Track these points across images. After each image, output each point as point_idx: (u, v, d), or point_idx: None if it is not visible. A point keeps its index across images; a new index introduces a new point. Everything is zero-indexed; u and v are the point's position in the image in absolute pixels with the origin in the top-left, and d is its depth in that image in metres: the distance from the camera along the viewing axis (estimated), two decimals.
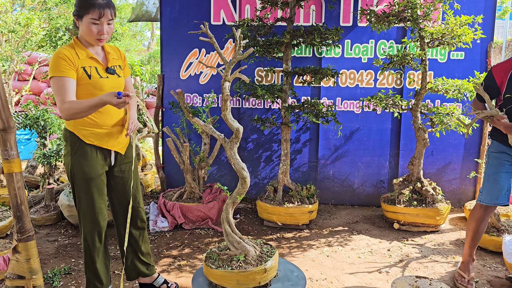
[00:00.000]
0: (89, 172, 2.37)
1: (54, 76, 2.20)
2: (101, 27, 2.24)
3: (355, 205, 4.82)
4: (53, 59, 2.23)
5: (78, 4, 2.24)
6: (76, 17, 2.27)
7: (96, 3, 2.21)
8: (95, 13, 2.20)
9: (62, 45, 3.83)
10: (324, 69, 4.06)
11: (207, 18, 4.62)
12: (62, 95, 2.16)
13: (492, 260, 3.39)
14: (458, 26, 3.54)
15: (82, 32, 2.28)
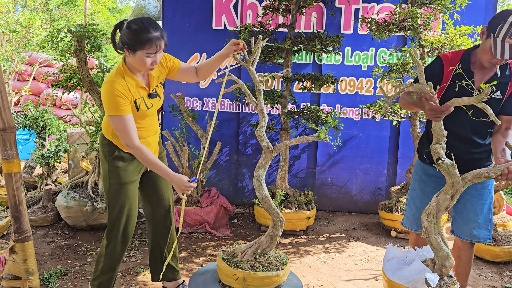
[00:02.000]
0: (124, 177, 2.39)
1: (114, 115, 2.19)
2: (155, 58, 2.19)
3: (352, 212, 4.82)
4: (109, 96, 2.18)
5: (132, 38, 2.12)
6: (127, 49, 2.16)
7: (152, 38, 2.11)
8: (152, 48, 2.13)
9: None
10: (324, 76, 4.08)
11: (209, 23, 4.64)
12: (128, 133, 2.21)
13: (489, 269, 3.40)
14: (458, 36, 3.57)
15: (134, 62, 2.21)
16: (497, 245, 3.46)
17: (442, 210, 2.15)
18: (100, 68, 4.10)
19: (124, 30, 2.16)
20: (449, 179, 2.09)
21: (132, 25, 2.14)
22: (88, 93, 4.13)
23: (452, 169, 2.06)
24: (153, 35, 2.11)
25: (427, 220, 2.19)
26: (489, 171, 1.98)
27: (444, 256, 2.20)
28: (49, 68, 8.77)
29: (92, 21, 4.03)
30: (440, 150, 2.14)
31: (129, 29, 2.13)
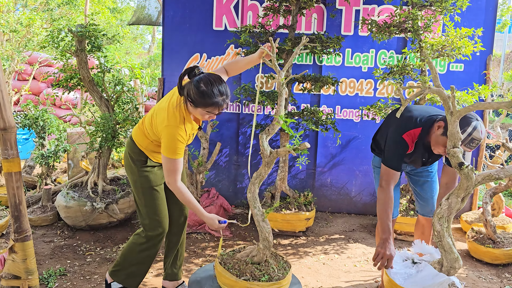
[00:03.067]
0: (155, 181, 2.52)
1: (171, 158, 2.28)
2: (213, 116, 2.27)
3: (352, 214, 4.82)
4: (172, 140, 2.25)
5: (198, 99, 2.16)
6: (191, 102, 2.20)
7: (216, 103, 2.17)
8: (215, 110, 2.21)
9: None
10: (324, 77, 4.08)
11: (209, 24, 4.64)
12: (175, 175, 2.32)
13: (488, 271, 3.40)
14: (458, 38, 3.57)
15: (193, 112, 2.27)
16: (496, 247, 3.47)
17: (453, 213, 2.16)
18: (100, 68, 4.10)
19: (193, 87, 2.17)
20: (466, 182, 2.10)
21: (201, 86, 2.15)
22: (88, 93, 4.13)
23: (471, 173, 2.07)
24: (218, 100, 2.17)
25: (439, 224, 2.19)
26: (498, 172, 2.00)
27: (454, 259, 2.21)
28: (49, 68, 8.78)
29: (93, 21, 4.04)
30: (459, 154, 2.13)
31: (197, 88, 2.15)
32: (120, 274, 2.61)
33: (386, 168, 2.54)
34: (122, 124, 4.04)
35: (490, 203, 3.66)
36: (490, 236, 3.54)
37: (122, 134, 4.10)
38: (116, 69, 4.29)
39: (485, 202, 3.63)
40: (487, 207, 3.57)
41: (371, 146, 2.98)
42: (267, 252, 2.44)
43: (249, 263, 2.43)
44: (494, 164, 4.20)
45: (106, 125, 3.88)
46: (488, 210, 3.55)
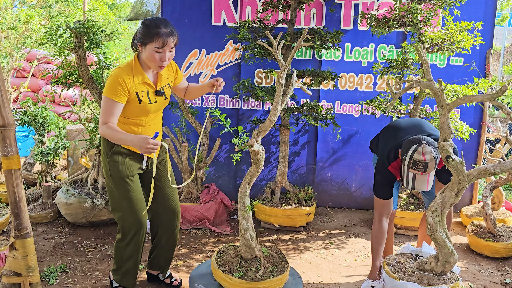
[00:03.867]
0: (124, 171, 2.48)
1: (107, 97, 2.32)
2: (163, 55, 2.31)
3: (352, 208, 4.82)
4: (112, 80, 2.32)
5: (143, 32, 2.29)
6: (140, 43, 2.33)
7: (160, 32, 2.26)
8: (159, 42, 2.26)
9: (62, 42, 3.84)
10: (324, 72, 4.07)
11: (208, 19, 4.62)
12: (107, 116, 2.32)
13: (488, 265, 3.41)
14: (458, 32, 3.56)
15: (144, 57, 2.35)
16: (496, 241, 3.47)
17: (447, 207, 2.16)
18: (99, 64, 4.09)
19: (139, 27, 2.34)
20: (457, 176, 2.09)
21: (146, 21, 2.32)
22: (87, 90, 4.12)
23: (461, 166, 2.07)
24: (163, 30, 2.26)
25: (432, 218, 2.19)
26: (494, 167, 1.99)
27: (449, 253, 2.21)
28: (48, 65, 8.75)
29: (91, 17, 4.01)
30: (448, 148, 2.13)
31: (142, 24, 2.31)
32: (117, 273, 2.63)
33: (379, 200, 2.65)
34: None
35: (490, 197, 3.66)
36: (490, 230, 3.55)
37: None
38: (115, 66, 4.27)
39: (485, 196, 3.63)
40: (487, 201, 3.58)
41: (370, 146, 3.04)
42: (248, 249, 2.44)
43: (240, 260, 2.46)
44: (494, 158, 4.20)
45: None
46: (488, 204, 3.55)
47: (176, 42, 2.35)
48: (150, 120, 2.52)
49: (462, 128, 3.74)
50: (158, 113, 2.58)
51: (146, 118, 2.49)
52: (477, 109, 4.55)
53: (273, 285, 2.35)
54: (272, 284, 2.34)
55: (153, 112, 2.50)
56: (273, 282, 2.34)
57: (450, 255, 2.21)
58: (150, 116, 2.50)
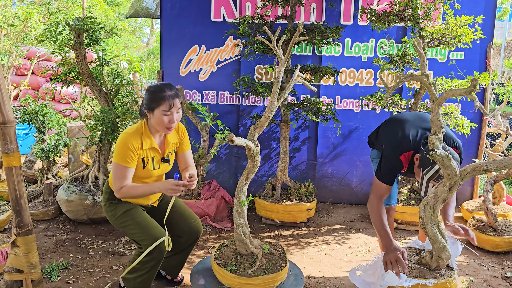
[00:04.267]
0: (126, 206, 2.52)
1: (119, 164, 2.36)
2: (171, 117, 2.36)
3: (353, 204, 4.83)
4: (122, 146, 2.36)
5: (149, 98, 2.36)
6: (147, 110, 2.39)
7: (166, 96, 2.33)
8: (166, 105, 2.32)
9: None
10: (324, 68, 4.06)
11: (208, 15, 4.61)
12: (122, 181, 2.36)
13: (489, 259, 3.41)
14: (458, 26, 3.55)
15: (153, 122, 2.40)
16: (497, 235, 3.47)
17: (439, 202, 2.16)
18: (99, 61, 4.08)
19: (145, 94, 2.41)
20: (445, 170, 2.09)
21: (151, 88, 2.40)
22: (87, 87, 4.12)
23: (447, 160, 2.06)
24: (168, 93, 2.34)
25: (424, 211, 2.20)
26: (488, 164, 1.98)
27: (440, 248, 2.20)
28: (47, 62, 8.74)
29: (90, 14, 4.01)
30: (435, 141, 2.14)
31: (148, 92, 2.39)
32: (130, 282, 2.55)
33: (379, 183, 2.60)
34: (122, 117, 4.03)
35: (491, 191, 3.66)
36: (491, 224, 3.55)
37: (122, 128, 4.09)
38: (115, 63, 4.27)
39: (486, 190, 3.63)
40: (488, 195, 3.58)
41: (369, 141, 3.02)
42: (241, 244, 2.45)
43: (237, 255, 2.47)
44: (495, 153, 4.19)
45: (106, 118, 3.87)
46: (489, 199, 3.55)
47: (182, 103, 2.43)
48: (152, 180, 2.57)
49: (462, 123, 3.74)
50: (160, 177, 2.63)
51: (148, 180, 2.55)
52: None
53: (265, 283, 2.33)
54: (264, 281, 2.32)
55: (155, 176, 2.56)
56: (264, 279, 2.32)
57: (441, 251, 2.21)
58: (152, 179, 2.56)
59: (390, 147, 2.59)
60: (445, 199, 2.14)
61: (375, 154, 2.98)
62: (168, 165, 2.60)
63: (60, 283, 2.87)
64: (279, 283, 2.41)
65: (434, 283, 2.16)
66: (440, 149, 2.12)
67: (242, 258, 2.46)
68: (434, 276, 2.20)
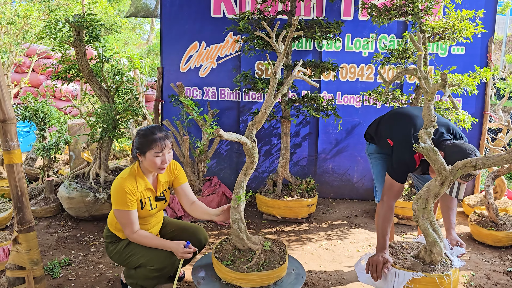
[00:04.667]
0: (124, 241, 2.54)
1: (121, 210, 2.38)
2: (164, 158, 2.41)
3: (354, 199, 4.83)
4: (118, 192, 2.38)
5: (140, 142, 2.40)
6: (139, 153, 2.43)
7: (157, 138, 2.37)
8: (157, 147, 2.37)
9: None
10: (324, 63, 4.05)
11: (207, 11, 4.60)
12: (131, 227, 2.40)
13: (490, 254, 3.41)
14: (459, 20, 3.53)
15: (146, 164, 2.43)
16: (498, 230, 3.47)
17: (431, 196, 2.17)
18: (99, 58, 4.08)
19: (135, 138, 2.45)
20: (433, 165, 2.10)
21: (140, 131, 2.44)
22: (87, 84, 4.12)
23: (432, 154, 2.07)
24: (158, 136, 2.39)
25: (416, 204, 2.22)
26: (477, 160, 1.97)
27: (431, 242, 2.22)
28: (48, 60, 8.73)
29: (90, 11, 4.00)
30: (424, 135, 2.14)
31: (138, 135, 2.43)
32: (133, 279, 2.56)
33: (392, 182, 2.53)
34: (123, 114, 4.03)
35: (492, 186, 3.66)
36: (492, 219, 3.55)
37: (123, 125, 4.10)
38: (115, 59, 4.26)
39: (487, 185, 3.63)
40: (489, 190, 3.57)
41: (366, 136, 2.96)
42: (238, 239, 2.46)
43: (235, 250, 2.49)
44: (496, 147, 4.19)
45: (106, 115, 3.87)
46: (490, 193, 3.55)
47: (172, 143, 2.46)
48: (151, 219, 2.59)
49: (464, 118, 3.73)
50: (158, 213, 2.66)
51: (148, 219, 2.57)
52: (479, 99, 4.53)
53: (260, 279, 2.32)
54: (258, 277, 2.31)
55: (154, 215, 2.58)
56: (258, 276, 2.31)
57: (432, 245, 2.21)
58: (151, 217, 2.58)
59: (403, 145, 2.49)
60: (437, 194, 2.15)
61: (373, 149, 2.94)
62: (165, 203, 2.63)
63: (62, 280, 2.88)
64: (276, 280, 2.40)
65: (421, 275, 2.18)
66: (428, 143, 2.12)
67: (240, 253, 2.46)
68: (425, 270, 2.22)
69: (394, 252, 2.46)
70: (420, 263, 2.29)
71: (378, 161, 2.91)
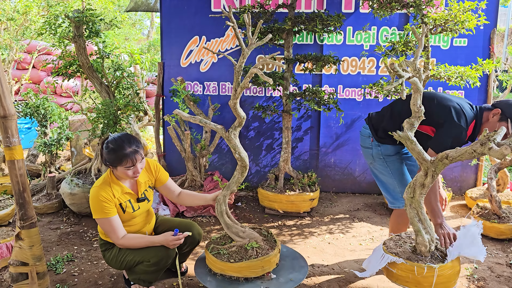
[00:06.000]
0: None
1: (100, 218, 2.38)
2: (135, 169, 2.38)
3: (356, 193, 4.82)
4: (94, 201, 2.37)
5: (110, 158, 2.36)
6: (110, 167, 2.41)
7: (126, 154, 2.33)
8: (128, 162, 2.34)
9: None
10: (325, 56, 4.03)
11: (208, 5, 4.57)
12: (115, 233, 2.39)
13: (493, 246, 3.41)
14: (462, 12, 3.50)
15: (119, 174, 2.42)
16: (501, 222, 3.46)
17: (418, 186, 2.22)
18: (99, 53, 4.06)
19: (104, 151, 2.40)
20: (412, 153, 2.16)
21: (109, 146, 2.37)
22: (88, 80, 4.11)
23: (409, 143, 2.13)
24: (128, 150, 2.33)
25: (406, 193, 2.28)
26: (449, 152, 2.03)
27: (415, 231, 2.27)
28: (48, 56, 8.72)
29: (90, 6, 3.98)
30: (406, 124, 2.20)
31: (107, 149, 2.37)
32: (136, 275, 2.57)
33: None
34: (124, 109, 4.02)
35: (495, 178, 3.64)
36: (495, 212, 3.54)
37: (124, 120, 4.08)
38: (115, 55, 4.25)
39: (490, 177, 3.62)
40: (492, 182, 3.56)
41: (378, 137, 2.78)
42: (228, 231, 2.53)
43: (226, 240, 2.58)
44: None
45: (107, 111, 3.86)
46: (493, 186, 3.53)
47: (142, 154, 2.40)
48: (137, 220, 2.56)
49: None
50: (144, 213, 2.62)
51: (134, 221, 2.55)
52: (481, 91, 4.51)
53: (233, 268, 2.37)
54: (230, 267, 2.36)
55: (139, 216, 2.56)
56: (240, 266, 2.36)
57: (416, 234, 2.27)
58: (136, 219, 2.55)
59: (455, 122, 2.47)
60: (422, 184, 2.19)
61: (391, 150, 2.77)
62: (148, 202, 2.61)
63: (66, 275, 2.88)
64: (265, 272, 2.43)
65: (402, 261, 2.26)
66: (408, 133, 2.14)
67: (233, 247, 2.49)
68: (413, 259, 2.26)
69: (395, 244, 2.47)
70: (410, 252, 2.34)
71: (397, 162, 2.78)
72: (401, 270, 2.28)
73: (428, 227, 2.28)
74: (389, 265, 2.34)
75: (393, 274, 2.33)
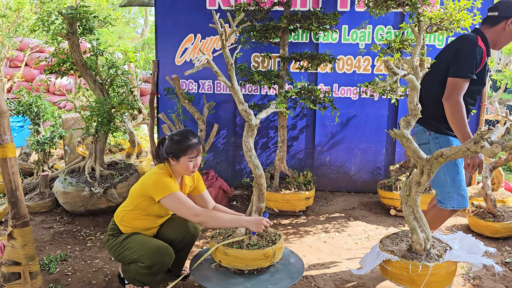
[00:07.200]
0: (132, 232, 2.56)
1: (167, 196, 2.37)
2: (196, 162, 2.48)
3: (351, 192, 4.82)
4: (157, 182, 2.39)
5: (176, 148, 2.44)
6: (172, 158, 2.46)
7: (192, 144, 2.44)
8: (193, 153, 2.44)
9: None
10: (321, 55, 4.02)
11: (202, 3, 4.54)
12: (188, 207, 2.38)
13: (488, 245, 3.41)
14: (457, 11, 3.50)
15: (178, 168, 2.48)
16: (496, 221, 3.47)
17: (413, 183, 2.23)
18: (93, 51, 4.02)
19: (168, 142, 2.48)
20: (408, 151, 2.17)
21: (175, 137, 2.48)
22: (82, 78, 4.07)
23: (405, 141, 2.13)
24: (193, 141, 2.45)
25: (402, 191, 2.31)
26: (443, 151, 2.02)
27: (411, 229, 2.29)
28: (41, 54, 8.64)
29: (83, 3, 3.94)
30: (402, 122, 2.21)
31: (171, 140, 2.47)
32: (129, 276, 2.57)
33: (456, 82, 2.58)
34: (118, 107, 3.98)
35: (490, 177, 3.66)
36: (490, 210, 3.55)
37: (118, 118, 4.05)
38: (109, 52, 4.21)
39: (484, 176, 3.63)
40: (487, 181, 3.57)
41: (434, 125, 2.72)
42: None
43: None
44: None
45: (101, 109, 3.82)
46: (488, 184, 3.54)
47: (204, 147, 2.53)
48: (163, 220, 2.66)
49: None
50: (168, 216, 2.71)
51: (163, 218, 2.64)
52: None
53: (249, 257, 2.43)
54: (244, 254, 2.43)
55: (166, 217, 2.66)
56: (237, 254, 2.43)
57: (412, 232, 2.28)
58: (163, 219, 2.65)
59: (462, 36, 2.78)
60: (418, 182, 2.19)
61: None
62: None
63: (59, 275, 2.85)
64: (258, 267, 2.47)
65: (396, 259, 2.27)
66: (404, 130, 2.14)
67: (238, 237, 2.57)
68: (408, 258, 2.26)
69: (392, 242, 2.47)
70: (406, 250, 2.35)
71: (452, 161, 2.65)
72: (395, 268, 2.29)
73: (424, 226, 2.28)
74: (384, 262, 2.34)
75: (388, 272, 2.34)
